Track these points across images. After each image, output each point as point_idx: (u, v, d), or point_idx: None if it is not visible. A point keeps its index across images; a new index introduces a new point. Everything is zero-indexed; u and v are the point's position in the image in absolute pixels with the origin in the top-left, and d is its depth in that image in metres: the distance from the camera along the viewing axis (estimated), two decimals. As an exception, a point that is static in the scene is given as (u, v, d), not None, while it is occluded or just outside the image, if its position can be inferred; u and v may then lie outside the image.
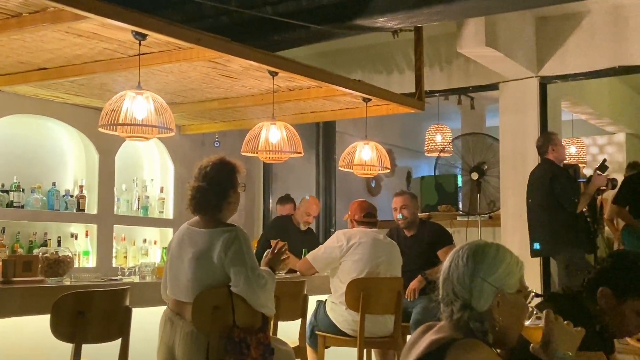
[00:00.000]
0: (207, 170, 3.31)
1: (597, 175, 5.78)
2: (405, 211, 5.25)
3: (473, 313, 1.88)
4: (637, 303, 2.27)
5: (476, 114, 9.42)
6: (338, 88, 5.20)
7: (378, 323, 4.42)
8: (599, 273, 2.35)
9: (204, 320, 3.15)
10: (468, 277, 1.90)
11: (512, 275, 1.92)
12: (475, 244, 1.96)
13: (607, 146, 9.97)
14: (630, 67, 6.40)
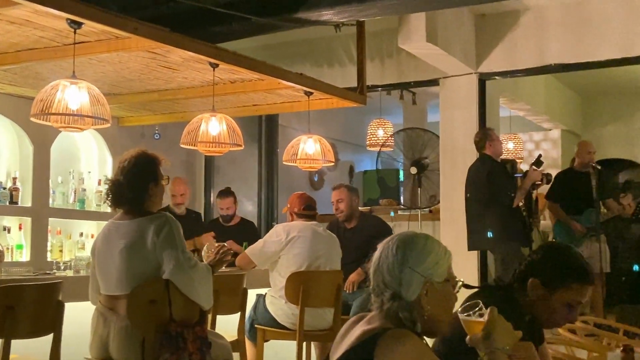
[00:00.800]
0: (125, 164, 3.27)
1: (532, 170, 5.92)
2: (342, 204, 5.28)
3: (402, 303, 1.90)
4: (564, 294, 2.32)
5: (418, 109, 9.52)
6: (280, 81, 5.17)
7: (317, 316, 4.43)
8: (528, 265, 2.40)
9: (140, 315, 3.10)
10: (397, 267, 1.91)
11: (440, 264, 1.95)
12: (405, 235, 1.98)
13: (542, 142, 10.21)
14: (566, 64, 6.55)
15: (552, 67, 6.60)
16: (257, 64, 4.89)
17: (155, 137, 6.85)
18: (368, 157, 10.60)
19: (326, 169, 10.18)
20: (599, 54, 6.36)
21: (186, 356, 3.09)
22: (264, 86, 5.37)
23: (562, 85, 9.76)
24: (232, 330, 4.09)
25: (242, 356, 4.10)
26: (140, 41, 4.06)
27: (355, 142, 10.63)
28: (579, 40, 6.41)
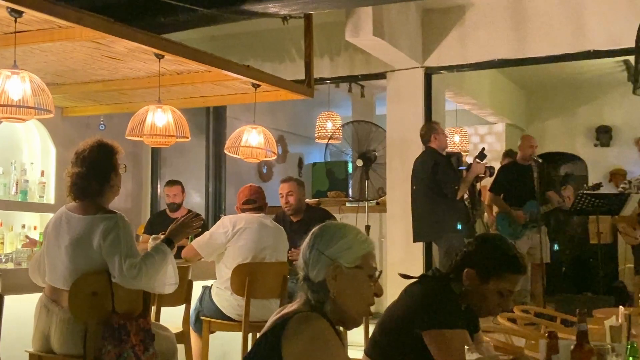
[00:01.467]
0: (85, 154, 3.23)
1: (476, 163, 6.05)
2: (291, 198, 5.31)
3: (310, 284, 1.95)
4: (498, 283, 2.41)
5: (366, 101, 9.62)
6: (227, 73, 5.16)
7: (263, 307, 4.45)
8: (464, 256, 2.48)
9: (81, 307, 3.09)
10: (308, 250, 1.98)
11: (352, 250, 1.97)
12: (326, 223, 2.04)
13: (487, 135, 10.42)
14: (509, 60, 6.70)
15: (495, 62, 6.74)
16: (203, 56, 4.87)
17: (100, 128, 6.76)
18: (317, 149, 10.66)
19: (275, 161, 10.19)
20: (541, 50, 6.52)
21: (129, 348, 3.08)
22: (210, 78, 5.35)
23: (507, 80, 9.96)
24: (177, 322, 4.09)
25: (187, 348, 4.10)
26: (83, 31, 4.01)
27: (305, 135, 10.67)
28: (522, 36, 6.56)
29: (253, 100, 5.73)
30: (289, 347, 1.83)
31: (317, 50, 6.81)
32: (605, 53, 6.40)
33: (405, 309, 2.42)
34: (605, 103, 10.20)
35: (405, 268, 2.64)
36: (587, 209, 6.77)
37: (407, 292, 2.47)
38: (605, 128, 10.33)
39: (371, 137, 6.85)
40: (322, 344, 1.84)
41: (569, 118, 10.50)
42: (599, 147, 10.38)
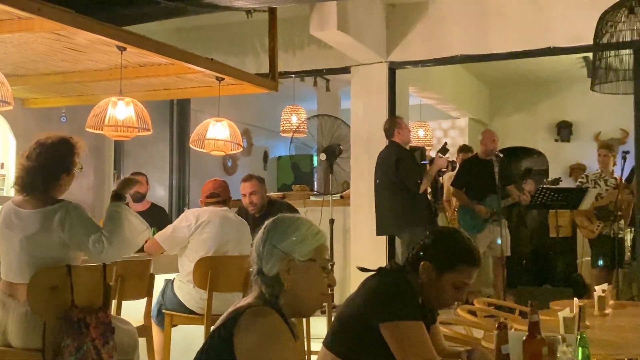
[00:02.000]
0: (40, 150, 3.20)
1: (438, 158, 6.12)
2: (254, 197, 5.33)
3: (264, 278, 1.97)
4: (453, 276, 2.46)
5: (332, 95, 9.65)
6: (190, 66, 5.15)
7: (226, 301, 4.44)
8: (420, 249, 2.52)
9: (40, 301, 3.08)
10: (261, 243, 1.99)
11: (305, 243, 1.99)
12: (278, 217, 2.05)
13: (450, 130, 10.54)
14: (471, 56, 6.78)
15: (458, 58, 6.81)
16: (166, 48, 4.85)
17: (62, 120, 6.69)
18: (282, 143, 10.68)
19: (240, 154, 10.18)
20: (502, 46, 6.61)
21: (89, 342, 3.08)
22: (174, 70, 5.33)
23: (470, 75, 10.08)
24: (139, 316, 4.08)
25: (149, 341, 4.10)
26: (44, 22, 3.97)
27: (270, 128, 10.67)
28: (485, 32, 6.64)
29: (217, 94, 5.72)
30: (240, 341, 1.85)
31: (281, 44, 6.81)
32: (565, 50, 6.52)
33: (362, 301, 2.45)
34: (566, 99, 10.37)
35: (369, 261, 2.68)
36: (547, 203, 6.90)
37: (365, 285, 2.51)
38: (565, 123, 10.52)
39: (335, 131, 6.89)
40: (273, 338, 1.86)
41: (530, 113, 10.67)
42: (559, 142, 10.57)
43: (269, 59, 5.99)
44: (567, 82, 9.99)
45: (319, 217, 6.89)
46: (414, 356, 2.32)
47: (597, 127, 10.28)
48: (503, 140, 9.99)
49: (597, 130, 10.29)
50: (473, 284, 7.28)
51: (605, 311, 4.18)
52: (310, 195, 7.95)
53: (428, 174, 6.11)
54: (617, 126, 9.94)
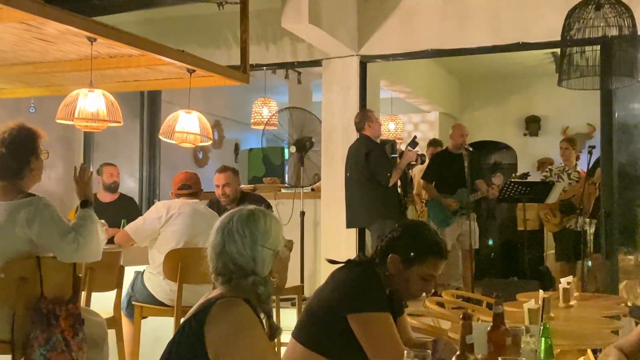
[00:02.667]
0: (5, 136, 3.21)
1: (407, 151, 6.18)
2: (227, 189, 5.34)
3: (257, 279, 2.00)
4: (420, 268, 2.50)
5: (303, 88, 9.66)
6: (161, 58, 5.12)
7: (196, 293, 4.43)
8: (388, 242, 2.56)
9: (9, 292, 3.06)
10: (249, 247, 2.02)
11: (280, 234, 2.10)
12: (244, 215, 2.07)
13: (421, 124, 10.61)
14: (441, 50, 6.83)
15: (429, 52, 6.87)
16: (136, 40, 4.82)
17: (30, 111, 6.61)
18: (254, 135, 10.66)
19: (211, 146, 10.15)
20: (472, 41, 6.67)
21: (58, 333, 3.07)
22: (144, 62, 5.29)
23: (441, 69, 10.15)
24: (108, 307, 4.08)
25: (119, 333, 4.10)
26: (12, 12, 3.92)
27: (241, 120, 10.65)
28: (455, 26, 6.70)
29: (188, 86, 5.70)
30: (211, 332, 1.88)
31: (253, 36, 6.80)
32: (534, 45, 6.60)
33: (331, 293, 2.49)
34: (534, 94, 10.51)
35: (339, 253, 2.71)
36: (515, 196, 7.00)
37: (334, 277, 2.54)
38: (534, 118, 10.66)
39: (306, 124, 6.91)
40: (245, 329, 1.89)
41: (500, 108, 10.78)
42: (528, 136, 10.71)
43: (241, 52, 5.98)
44: (536, 77, 10.11)
45: (290, 210, 6.92)
46: (381, 347, 2.36)
47: (565, 121, 10.43)
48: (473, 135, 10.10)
49: (565, 125, 10.44)
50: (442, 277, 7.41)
51: (569, 303, 4.28)
52: (281, 188, 7.97)
53: (397, 168, 6.16)
54: (585, 121, 10.10)
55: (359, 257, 2.61)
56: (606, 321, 3.76)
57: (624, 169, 6.23)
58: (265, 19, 7.06)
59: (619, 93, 6.11)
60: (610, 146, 6.22)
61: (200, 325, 1.89)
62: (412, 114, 10.59)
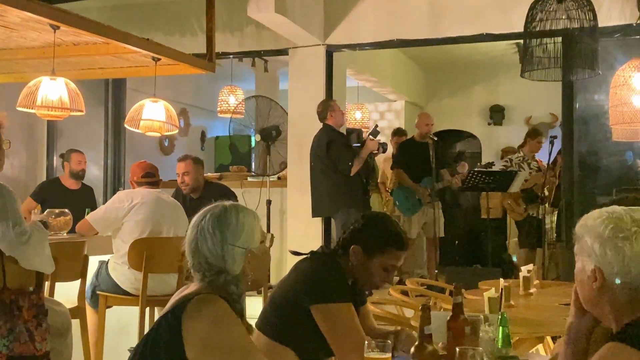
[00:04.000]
0: None
1: (369, 140, 6.21)
2: (187, 177, 5.33)
3: (229, 277, 2.02)
4: (382, 259, 2.54)
5: (270, 76, 9.64)
6: (125, 46, 5.08)
7: (161, 282, 4.47)
8: (351, 233, 2.59)
9: (-30, 283, 3.03)
10: (219, 246, 2.02)
11: (255, 231, 2.09)
12: (217, 213, 2.07)
13: (387, 113, 10.67)
14: (407, 40, 6.87)
15: (394, 42, 6.89)
16: (100, 28, 4.78)
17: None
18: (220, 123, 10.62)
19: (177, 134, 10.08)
20: (438, 31, 6.71)
21: (21, 324, 3.06)
22: (109, 50, 5.25)
23: (407, 58, 10.21)
24: (72, 297, 4.06)
25: (83, 323, 4.09)
26: (-28, -1, 3.87)
27: (208, 108, 10.60)
28: (421, 17, 6.73)
29: (153, 74, 5.67)
30: (190, 328, 1.89)
31: (220, 25, 6.77)
32: (498, 36, 6.66)
33: (294, 284, 2.52)
34: (499, 83, 10.63)
35: (305, 243, 2.75)
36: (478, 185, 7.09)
37: (297, 268, 2.57)
38: (498, 107, 10.79)
39: (271, 113, 6.90)
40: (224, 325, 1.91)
41: (465, 97, 10.89)
42: (492, 125, 10.84)
43: (207, 40, 5.96)
44: (500, 67, 10.23)
45: (257, 199, 6.92)
46: (343, 337, 2.40)
47: (528, 111, 10.58)
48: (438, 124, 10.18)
49: (528, 115, 10.59)
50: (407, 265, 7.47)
51: (529, 291, 4.36)
52: (248, 177, 7.97)
53: (359, 157, 6.19)
54: (548, 111, 10.25)
55: (322, 249, 2.64)
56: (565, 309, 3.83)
57: (584, 158, 6.35)
58: (232, 7, 7.02)
59: (579, 84, 6.22)
60: (571, 136, 6.34)
61: (177, 320, 1.90)
62: (378, 103, 10.64)
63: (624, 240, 1.70)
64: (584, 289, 1.77)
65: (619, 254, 1.69)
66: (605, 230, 1.72)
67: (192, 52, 6.09)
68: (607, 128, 5.92)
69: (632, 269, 1.69)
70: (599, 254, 1.72)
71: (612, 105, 5.54)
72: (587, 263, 1.75)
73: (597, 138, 6.29)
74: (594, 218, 1.78)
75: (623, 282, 1.69)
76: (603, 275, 1.71)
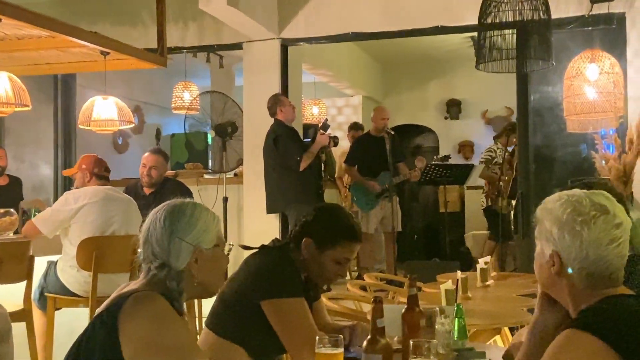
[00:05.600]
0: None
1: (320, 135, 6.14)
2: (154, 171, 5.23)
3: (171, 272, 1.92)
4: (334, 252, 2.46)
5: (225, 72, 9.53)
6: (72, 39, 4.93)
7: (112, 282, 4.31)
8: (303, 225, 2.52)
9: None
10: (166, 238, 1.93)
11: (209, 231, 1.99)
12: (172, 204, 2.00)
13: (345, 108, 10.63)
14: (363, 33, 6.82)
15: (349, 35, 6.84)
16: (45, 20, 4.61)
17: None
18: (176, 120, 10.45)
19: (131, 132, 9.91)
20: (393, 24, 6.67)
21: (-41, 328, 2.91)
22: (55, 44, 5.10)
23: (364, 53, 10.17)
24: (18, 299, 3.92)
25: (29, 325, 3.95)
26: None
27: (163, 105, 10.43)
28: (375, 10, 6.69)
29: (102, 69, 5.53)
30: (126, 328, 1.79)
31: (172, 18, 6.64)
32: (452, 29, 6.65)
33: (244, 279, 2.43)
34: (455, 77, 10.67)
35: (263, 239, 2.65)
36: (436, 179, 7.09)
37: (247, 263, 2.48)
38: (455, 101, 10.83)
39: (226, 109, 6.79)
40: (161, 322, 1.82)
41: (422, 91, 10.91)
42: (449, 119, 10.88)
43: (157, 34, 5.83)
44: (456, 61, 10.26)
45: (214, 196, 6.81)
46: (295, 333, 2.32)
47: (484, 105, 10.64)
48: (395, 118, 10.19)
49: (485, 109, 10.65)
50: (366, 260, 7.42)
51: (486, 283, 4.35)
52: (204, 174, 7.85)
53: (309, 152, 6.12)
54: (503, 104, 10.32)
55: (274, 242, 2.55)
56: (521, 299, 3.83)
57: (539, 150, 6.38)
58: (184, 0, 6.89)
59: (534, 77, 6.24)
60: (526, 129, 6.36)
61: (113, 320, 1.80)
62: (336, 98, 10.59)
63: (583, 224, 1.65)
64: (543, 273, 1.73)
65: (576, 238, 1.65)
66: (563, 214, 1.68)
67: (143, 46, 5.95)
68: (561, 120, 5.95)
69: (590, 254, 1.64)
70: (557, 238, 1.68)
71: (566, 97, 5.56)
72: (545, 247, 1.71)
73: (552, 130, 6.32)
74: (553, 201, 1.73)
75: (580, 268, 1.65)
76: (561, 260, 1.67)
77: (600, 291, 1.65)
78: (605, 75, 5.39)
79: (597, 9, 6.00)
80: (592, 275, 1.65)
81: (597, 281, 1.65)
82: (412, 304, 2.29)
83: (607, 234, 1.65)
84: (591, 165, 5.82)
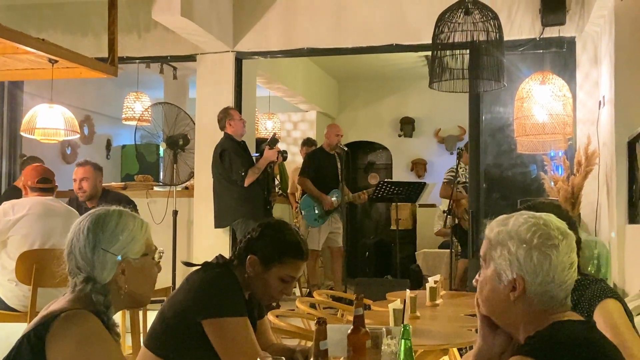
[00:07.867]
0: None
1: (267, 150, 6.09)
2: (85, 183, 5.05)
3: (96, 286, 1.83)
4: (279, 269, 2.40)
5: (179, 83, 9.41)
6: (18, 46, 4.78)
7: (52, 297, 4.13)
8: (247, 242, 2.45)
9: None
10: (89, 249, 1.84)
11: (136, 240, 1.90)
12: (96, 214, 1.90)
13: (300, 123, 10.59)
14: (316, 49, 6.80)
15: (305, 50, 6.81)
16: (-11, 25, 4.48)
17: None
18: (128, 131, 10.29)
19: (80, 141, 9.71)
20: (348, 41, 6.67)
21: None
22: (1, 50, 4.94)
23: (320, 69, 10.17)
24: (-49, 315, 3.76)
25: (-38, 342, 3.77)
26: None
27: (114, 115, 10.26)
28: (331, 26, 6.68)
29: (50, 77, 5.38)
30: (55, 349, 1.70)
31: (124, 27, 6.52)
32: (407, 47, 6.69)
33: (185, 297, 2.34)
34: (409, 95, 10.74)
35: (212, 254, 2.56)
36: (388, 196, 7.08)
37: (189, 281, 2.40)
38: (408, 119, 10.89)
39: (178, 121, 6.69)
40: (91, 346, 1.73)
41: (376, 108, 10.95)
42: (402, 137, 10.93)
43: (109, 43, 5.70)
44: (410, 80, 10.34)
45: (164, 209, 6.69)
46: (237, 353, 2.25)
47: (437, 123, 10.73)
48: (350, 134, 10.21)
49: (438, 127, 10.73)
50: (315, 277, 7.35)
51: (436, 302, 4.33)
52: (154, 186, 7.70)
53: (255, 167, 6.07)
54: (456, 123, 10.42)
55: (217, 259, 2.47)
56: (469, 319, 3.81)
57: (490, 170, 6.43)
58: (138, 9, 6.79)
59: (486, 97, 6.30)
60: (477, 148, 6.41)
61: (40, 341, 1.71)
62: (291, 113, 10.55)
63: (552, 248, 1.63)
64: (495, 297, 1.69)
65: (546, 261, 1.63)
66: (533, 237, 1.65)
67: (95, 55, 5.82)
68: (512, 140, 6.01)
69: (555, 278, 1.63)
70: (523, 262, 1.64)
71: (516, 118, 5.62)
72: (505, 271, 1.67)
73: (503, 150, 6.38)
74: (518, 224, 1.69)
75: (544, 291, 1.63)
76: (524, 284, 1.64)
77: (551, 316, 1.64)
78: (555, 98, 5.46)
79: (548, 32, 6.10)
80: (552, 299, 1.64)
81: (555, 304, 1.64)
82: (358, 325, 2.24)
83: (568, 257, 1.65)
84: (540, 186, 5.88)
